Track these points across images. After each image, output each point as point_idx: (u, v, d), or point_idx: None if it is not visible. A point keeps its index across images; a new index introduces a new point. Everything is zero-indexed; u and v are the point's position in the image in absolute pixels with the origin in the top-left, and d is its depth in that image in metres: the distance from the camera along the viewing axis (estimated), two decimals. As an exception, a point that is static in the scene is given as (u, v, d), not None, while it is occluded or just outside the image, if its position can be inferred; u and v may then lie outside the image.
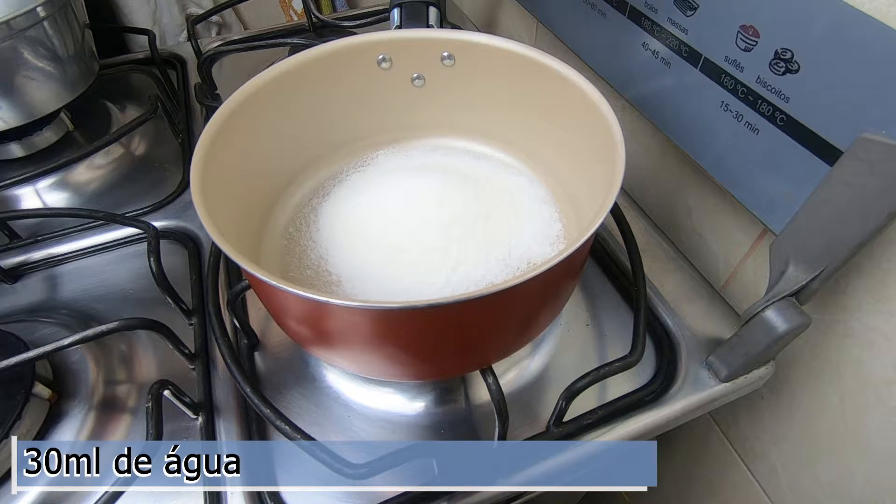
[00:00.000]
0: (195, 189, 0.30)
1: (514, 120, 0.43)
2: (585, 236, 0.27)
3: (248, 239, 0.37)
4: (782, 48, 0.30)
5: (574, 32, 0.49)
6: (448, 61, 0.41)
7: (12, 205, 0.54)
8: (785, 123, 0.32)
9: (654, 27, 0.39)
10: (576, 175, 0.40)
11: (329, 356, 0.34)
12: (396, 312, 0.26)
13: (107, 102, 0.65)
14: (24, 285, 0.47)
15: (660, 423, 0.38)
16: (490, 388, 0.33)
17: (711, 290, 0.45)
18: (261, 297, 0.34)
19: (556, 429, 0.36)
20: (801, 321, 0.32)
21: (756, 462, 0.50)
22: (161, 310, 0.43)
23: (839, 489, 0.42)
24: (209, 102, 0.58)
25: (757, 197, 0.36)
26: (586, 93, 0.35)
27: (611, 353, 0.41)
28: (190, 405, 0.37)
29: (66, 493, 0.35)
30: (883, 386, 0.35)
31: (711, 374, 0.40)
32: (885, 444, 0.37)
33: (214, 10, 0.72)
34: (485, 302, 0.26)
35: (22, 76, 0.51)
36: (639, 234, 0.43)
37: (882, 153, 0.26)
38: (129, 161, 0.58)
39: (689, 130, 0.40)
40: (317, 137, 0.43)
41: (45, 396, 0.37)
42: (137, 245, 0.50)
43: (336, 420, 0.38)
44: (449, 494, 0.34)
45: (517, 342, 0.35)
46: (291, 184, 0.43)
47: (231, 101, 0.35)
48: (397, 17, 0.46)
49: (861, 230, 0.28)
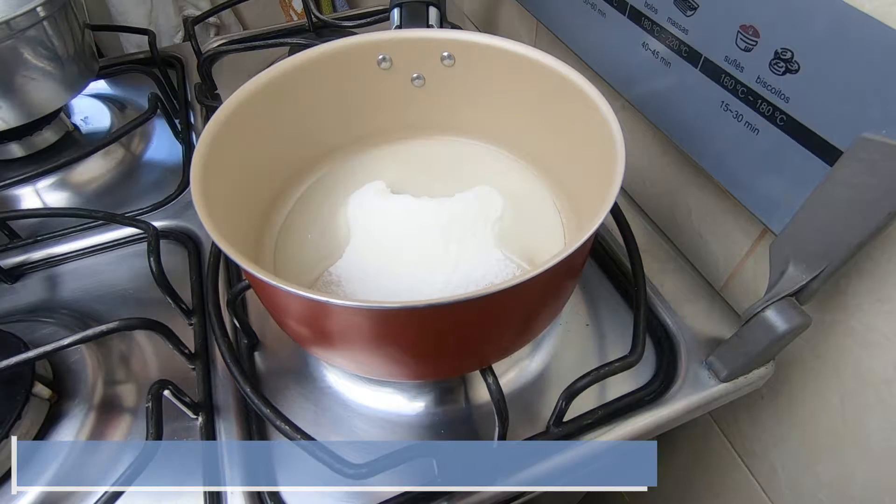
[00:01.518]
0: (195, 189, 0.30)
1: (514, 120, 0.43)
2: (585, 236, 0.27)
3: (248, 239, 0.37)
4: (782, 48, 0.30)
5: (574, 32, 0.49)
6: (448, 61, 0.41)
7: (12, 205, 0.54)
8: (785, 123, 0.32)
9: (654, 27, 0.39)
10: (576, 175, 0.40)
11: (329, 356, 0.34)
12: (396, 312, 0.26)
13: (107, 102, 0.65)
14: (24, 285, 0.47)
15: (660, 423, 0.38)
16: (490, 388, 0.33)
17: (711, 290, 0.45)
18: (261, 297, 0.34)
19: (556, 429, 0.36)
20: (801, 321, 0.32)
21: (756, 462, 0.50)
22: (161, 310, 0.43)
23: (839, 489, 0.42)
24: (209, 102, 0.58)
25: (757, 197, 0.36)
26: (586, 93, 0.35)
27: (611, 353, 0.41)
28: (190, 405, 0.37)
29: (67, 493, 0.35)
30: (883, 386, 0.35)
31: (711, 374, 0.40)
32: (885, 444, 0.37)
33: (213, 11, 0.72)
34: (485, 302, 0.26)
35: (22, 76, 0.51)
36: (639, 234, 0.43)
37: (882, 153, 0.26)
38: (129, 161, 0.58)
39: (689, 130, 0.40)
40: (317, 137, 0.43)
41: (45, 396, 0.37)
42: (137, 245, 0.50)
43: (336, 420, 0.38)
44: (449, 494, 0.34)
45: (517, 342, 0.35)
46: (291, 184, 0.43)
47: (231, 101, 0.35)
48: (397, 17, 0.46)
49: (861, 230, 0.28)
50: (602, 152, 0.33)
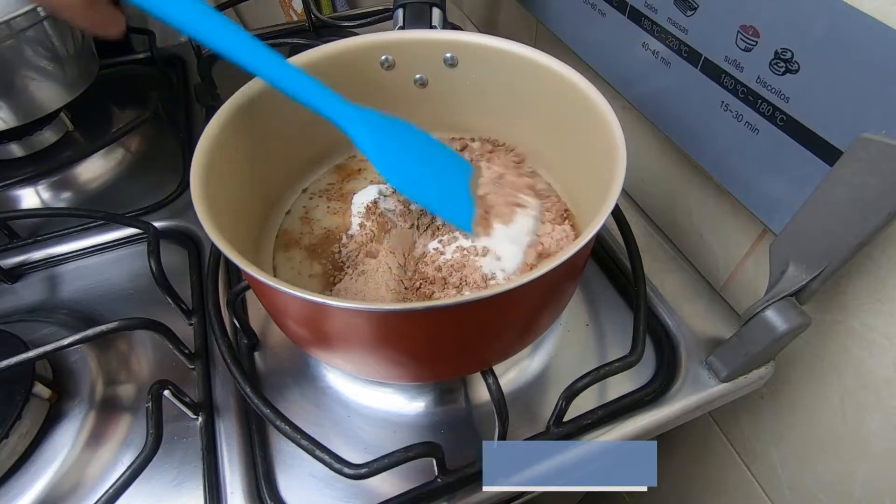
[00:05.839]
0: (195, 189, 0.30)
1: (515, 120, 0.43)
2: (586, 238, 0.27)
3: (247, 239, 0.37)
4: (782, 48, 0.30)
5: (574, 32, 0.49)
6: (450, 62, 0.41)
7: (12, 205, 0.54)
8: (785, 123, 0.32)
9: (654, 27, 0.39)
10: (576, 175, 0.40)
11: (328, 357, 0.34)
12: (395, 315, 0.26)
13: (107, 102, 0.65)
14: (24, 285, 0.47)
15: (660, 423, 0.38)
16: (490, 389, 0.33)
17: (711, 290, 0.45)
18: (260, 297, 0.34)
19: (556, 429, 0.36)
20: (801, 321, 0.32)
21: (756, 462, 0.50)
22: (161, 310, 0.43)
23: (839, 489, 0.42)
24: (209, 102, 0.58)
25: (757, 197, 0.36)
26: (586, 93, 0.35)
27: (611, 353, 0.41)
28: (190, 405, 0.37)
29: (67, 492, 0.35)
30: (883, 386, 0.35)
31: (711, 374, 0.40)
32: (885, 444, 0.37)
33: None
34: (485, 304, 0.26)
35: (22, 76, 0.51)
36: (639, 234, 0.43)
37: (882, 153, 0.26)
38: (129, 161, 0.58)
39: (689, 130, 0.40)
40: (317, 138, 0.43)
41: (45, 396, 0.37)
42: (137, 245, 0.50)
43: (336, 420, 0.38)
44: (449, 494, 0.34)
45: (517, 344, 0.35)
46: (292, 184, 0.43)
47: (231, 102, 0.35)
48: (401, 18, 0.46)
49: (861, 230, 0.28)
50: (602, 153, 0.33)
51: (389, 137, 0.35)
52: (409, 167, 0.35)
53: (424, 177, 0.35)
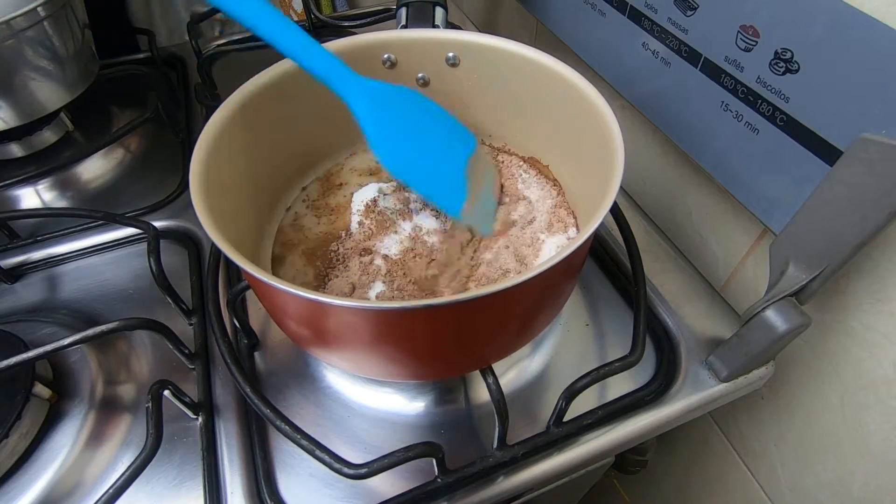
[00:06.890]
0: (195, 189, 0.30)
1: (516, 120, 0.43)
2: (585, 236, 0.27)
3: (247, 239, 0.37)
4: (782, 48, 0.30)
5: (574, 32, 0.49)
6: (452, 62, 0.41)
7: (12, 205, 0.54)
8: (785, 123, 0.32)
9: (654, 27, 0.39)
10: (575, 175, 0.40)
11: (328, 356, 0.34)
12: (395, 313, 0.26)
13: (107, 102, 0.65)
14: (24, 285, 0.47)
15: (660, 424, 0.38)
16: (490, 389, 0.33)
17: (711, 290, 0.45)
18: (260, 297, 0.34)
19: (556, 429, 0.36)
20: (801, 321, 0.32)
21: (756, 462, 0.50)
22: (161, 310, 0.43)
23: (839, 489, 0.42)
24: (209, 102, 0.58)
25: (757, 197, 0.36)
26: (586, 93, 0.35)
27: (611, 353, 0.41)
28: (190, 405, 0.37)
29: (67, 492, 0.35)
30: (883, 386, 0.35)
31: (711, 374, 0.40)
32: (885, 444, 0.37)
33: (214, 10, 0.72)
34: (484, 302, 0.26)
35: (22, 76, 0.51)
36: (639, 234, 0.43)
37: (882, 153, 0.26)
38: (129, 161, 0.58)
39: (689, 130, 0.40)
40: (318, 137, 0.43)
41: (45, 396, 0.37)
42: (137, 245, 0.50)
43: (336, 420, 0.38)
44: (449, 494, 0.34)
45: (516, 342, 0.35)
46: (292, 184, 0.43)
47: (231, 101, 0.35)
48: (404, 17, 0.46)
49: (861, 230, 0.28)
50: (602, 152, 0.33)
51: (389, 110, 0.34)
52: (404, 145, 0.35)
53: (419, 156, 0.35)
